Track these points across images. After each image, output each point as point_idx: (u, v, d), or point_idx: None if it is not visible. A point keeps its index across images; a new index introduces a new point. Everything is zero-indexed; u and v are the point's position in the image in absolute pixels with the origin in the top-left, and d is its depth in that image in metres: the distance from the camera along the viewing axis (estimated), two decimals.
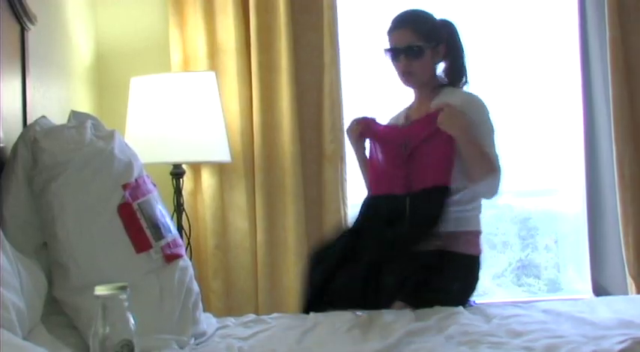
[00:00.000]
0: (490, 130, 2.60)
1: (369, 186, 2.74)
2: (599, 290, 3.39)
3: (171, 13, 3.40)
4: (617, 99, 3.30)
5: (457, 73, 2.71)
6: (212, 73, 3.21)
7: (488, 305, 2.60)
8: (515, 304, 2.49)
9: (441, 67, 2.74)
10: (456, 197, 2.50)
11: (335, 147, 3.32)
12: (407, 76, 2.69)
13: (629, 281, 3.31)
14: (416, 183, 2.52)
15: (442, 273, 2.48)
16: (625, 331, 1.89)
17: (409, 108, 2.80)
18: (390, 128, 2.76)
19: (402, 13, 2.71)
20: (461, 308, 2.32)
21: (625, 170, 3.31)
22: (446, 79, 2.72)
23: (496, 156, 2.55)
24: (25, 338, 1.57)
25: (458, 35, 2.72)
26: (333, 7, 3.35)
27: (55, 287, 1.89)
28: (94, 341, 1.24)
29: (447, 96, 2.63)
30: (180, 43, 3.41)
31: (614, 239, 3.38)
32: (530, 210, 4.16)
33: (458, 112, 2.51)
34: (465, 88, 2.73)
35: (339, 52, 3.35)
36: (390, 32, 2.70)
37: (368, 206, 2.66)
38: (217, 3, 3.39)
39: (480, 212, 2.64)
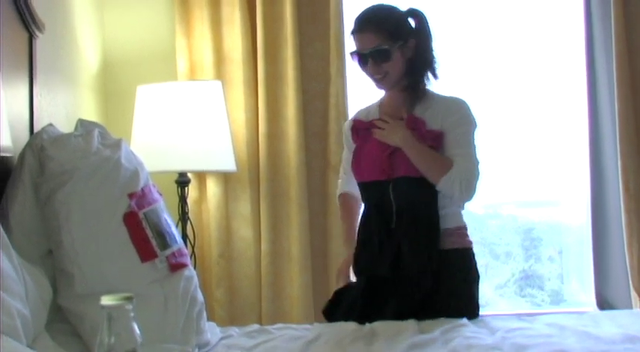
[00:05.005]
0: (472, 131, 2.51)
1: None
2: (603, 303, 3.38)
3: (178, 22, 3.41)
4: (623, 110, 3.30)
5: (424, 65, 2.55)
6: (218, 82, 3.22)
7: (492, 317, 2.59)
8: (519, 317, 2.48)
9: None
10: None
11: (340, 157, 3.32)
12: (378, 80, 2.54)
13: (633, 294, 3.30)
14: (396, 171, 2.47)
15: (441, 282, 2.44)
16: (629, 345, 1.89)
17: (380, 104, 2.66)
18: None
19: (364, 12, 2.53)
20: (465, 320, 2.31)
21: (630, 182, 3.30)
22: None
23: (472, 155, 2.47)
24: (29, 346, 1.57)
25: (427, 25, 2.54)
26: (339, 17, 3.36)
27: (59, 295, 1.89)
28: (99, 351, 1.24)
29: (427, 104, 2.54)
30: (186, 52, 3.42)
31: (619, 251, 3.37)
32: (534, 221, 4.16)
33: (399, 124, 2.49)
34: (434, 83, 2.59)
35: (345, 62, 3.35)
36: (354, 34, 2.53)
37: (361, 193, 2.61)
38: (224, 12, 3.40)
39: (462, 208, 2.56)
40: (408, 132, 2.47)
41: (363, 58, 2.52)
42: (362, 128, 2.62)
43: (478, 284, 2.55)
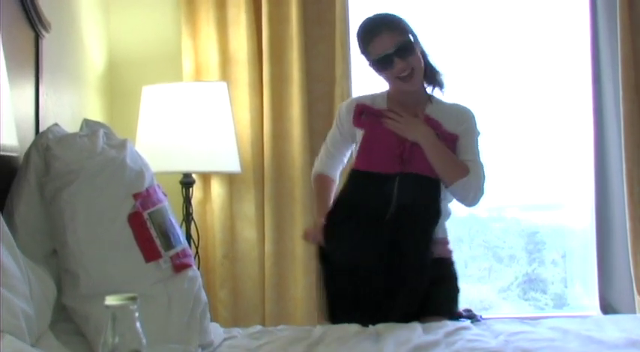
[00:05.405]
0: (477, 138, 2.59)
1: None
2: (607, 307, 3.37)
3: (183, 23, 3.42)
4: (628, 113, 3.30)
5: (429, 69, 2.59)
6: (224, 84, 3.22)
7: (495, 320, 2.59)
8: (522, 320, 2.48)
9: None
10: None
11: None
12: (405, 78, 2.52)
13: (637, 298, 3.29)
14: (409, 166, 2.49)
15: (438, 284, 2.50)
16: (633, 350, 1.89)
17: (389, 95, 2.64)
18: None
19: (373, 20, 2.55)
20: (468, 322, 2.32)
21: (635, 185, 3.29)
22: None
23: (480, 163, 2.55)
24: (33, 345, 1.57)
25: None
26: (345, 19, 3.36)
27: (64, 294, 1.89)
28: (104, 351, 1.25)
29: (437, 107, 2.59)
30: (192, 53, 3.43)
31: (623, 255, 3.36)
32: (538, 224, 4.15)
33: (417, 120, 2.53)
34: (444, 90, 2.63)
35: (350, 64, 3.35)
36: (370, 43, 2.52)
37: (356, 181, 2.58)
38: (230, 13, 3.41)
39: (446, 219, 2.61)
40: (430, 129, 2.50)
41: (388, 59, 2.50)
42: (370, 113, 2.60)
43: (458, 293, 2.60)
